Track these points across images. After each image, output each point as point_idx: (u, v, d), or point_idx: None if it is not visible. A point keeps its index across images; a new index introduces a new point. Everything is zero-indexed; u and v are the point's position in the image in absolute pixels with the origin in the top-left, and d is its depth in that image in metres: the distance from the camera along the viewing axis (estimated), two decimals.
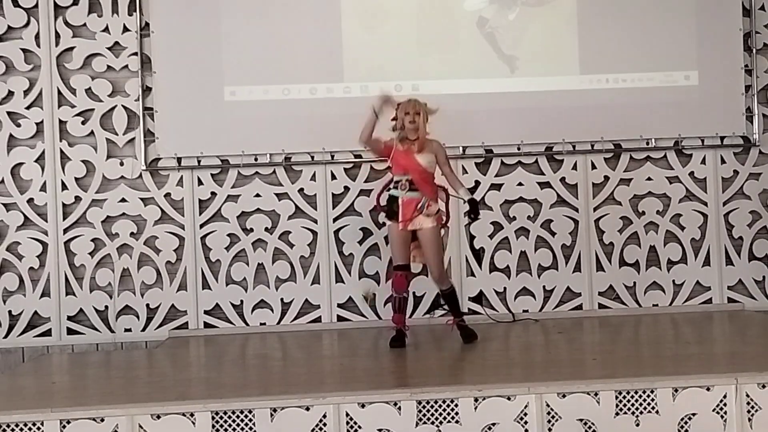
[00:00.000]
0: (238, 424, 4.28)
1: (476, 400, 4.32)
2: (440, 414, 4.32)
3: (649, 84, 6.82)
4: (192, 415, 4.27)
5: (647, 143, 6.90)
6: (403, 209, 5.72)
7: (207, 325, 6.74)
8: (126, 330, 6.70)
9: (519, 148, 6.86)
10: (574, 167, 6.89)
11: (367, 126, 5.71)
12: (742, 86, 6.87)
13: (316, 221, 6.82)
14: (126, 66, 6.77)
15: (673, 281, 6.91)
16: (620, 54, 6.84)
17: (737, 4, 6.87)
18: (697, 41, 6.85)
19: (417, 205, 5.70)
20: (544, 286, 6.86)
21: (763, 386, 4.36)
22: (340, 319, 6.79)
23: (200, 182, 6.80)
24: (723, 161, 6.96)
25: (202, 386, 4.88)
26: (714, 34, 6.84)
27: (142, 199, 6.78)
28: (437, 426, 4.32)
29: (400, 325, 5.84)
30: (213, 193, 6.81)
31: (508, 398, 4.33)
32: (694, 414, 4.35)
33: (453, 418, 4.32)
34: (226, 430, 4.28)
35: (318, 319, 6.79)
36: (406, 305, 5.88)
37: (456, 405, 4.32)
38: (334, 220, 6.83)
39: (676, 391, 4.36)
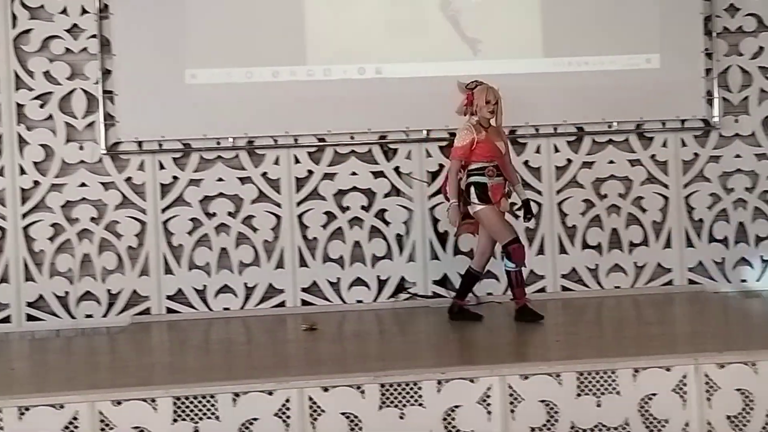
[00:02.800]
0: (200, 410, 4.26)
1: (439, 382, 4.33)
2: (403, 397, 4.33)
3: (611, 67, 6.85)
4: (153, 400, 4.23)
5: (609, 126, 6.93)
6: (493, 193, 5.72)
7: (170, 311, 6.69)
8: (87, 316, 6.64)
9: None
10: (538, 150, 6.91)
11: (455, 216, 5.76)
12: (702, 70, 6.93)
13: (279, 205, 6.79)
14: (85, 48, 6.68)
15: (635, 263, 6.96)
16: (583, 37, 6.85)
17: None
18: (658, 25, 6.88)
19: (503, 189, 5.74)
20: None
21: (722, 366, 4.41)
22: (304, 303, 6.77)
23: (162, 166, 6.74)
24: (684, 144, 7.02)
25: (164, 372, 4.85)
26: (675, 17, 6.87)
27: (102, 183, 6.71)
28: (401, 409, 4.32)
29: (523, 300, 5.77)
30: (175, 177, 6.75)
31: (471, 380, 4.34)
32: (654, 394, 4.39)
33: (416, 401, 4.33)
34: (188, 415, 4.25)
35: (282, 304, 6.76)
36: (523, 278, 5.82)
37: (419, 388, 4.33)
38: (298, 204, 6.80)
39: (637, 371, 4.39)
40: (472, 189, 5.72)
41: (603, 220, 6.94)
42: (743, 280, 7.02)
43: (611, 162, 6.96)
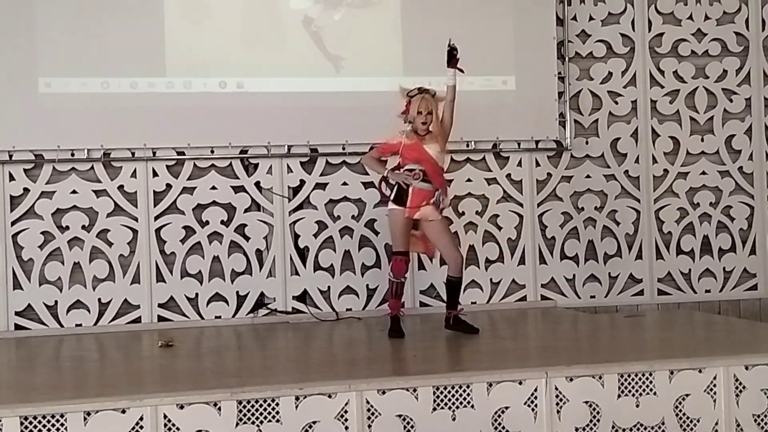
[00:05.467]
0: (49, 430, 4.10)
1: (297, 398, 4.32)
2: (261, 413, 4.29)
3: (469, 88, 6.94)
4: None
5: (467, 145, 7.10)
6: (412, 197, 5.71)
7: (18, 327, 6.44)
8: None
9: (344, 148, 6.91)
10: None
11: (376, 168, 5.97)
12: (555, 92, 7.19)
13: (136, 219, 6.64)
14: None
15: (491, 279, 7.14)
16: (442, 57, 6.94)
17: (551, 13, 7.17)
18: (514, 48, 7.11)
19: (426, 196, 5.71)
20: (367, 285, 6.94)
21: (571, 380, 4.57)
22: (161, 319, 6.64)
23: (12, 177, 6.49)
24: (537, 164, 7.25)
25: (10, 390, 4.65)
26: (530, 41, 7.11)
27: None
28: (258, 426, 4.28)
29: (396, 311, 5.80)
30: (26, 189, 6.51)
31: (329, 396, 4.35)
32: (507, 407, 4.50)
33: (274, 417, 4.30)
34: None
35: (138, 320, 6.61)
36: (402, 291, 5.85)
37: (277, 404, 4.31)
38: (156, 218, 6.67)
39: (491, 385, 4.50)
40: (396, 188, 5.79)
41: (460, 238, 7.08)
42: (592, 296, 7.29)
43: (469, 180, 7.12)
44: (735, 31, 7.50)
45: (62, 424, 4.11)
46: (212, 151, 6.73)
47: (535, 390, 4.52)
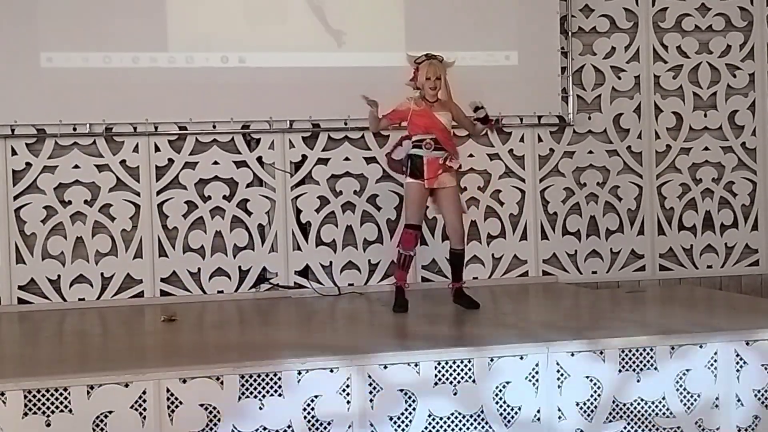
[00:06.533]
0: (52, 403, 4.13)
1: (299, 373, 4.35)
2: (263, 387, 4.32)
3: (472, 63, 6.97)
4: (3, 394, 4.09)
5: None
6: (428, 168, 5.72)
7: (21, 301, 6.46)
8: None
9: (346, 123, 6.90)
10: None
11: (372, 122, 5.86)
12: (558, 68, 7.16)
13: (138, 194, 6.65)
14: None
15: (492, 255, 7.14)
16: (445, 32, 6.97)
17: None
18: (517, 23, 7.08)
19: (440, 161, 5.73)
20: (369, 260, 6.95)
21: (572, 355, 4.59)
22: (163, 293, 6.66)
23: (14, 152, 6.49)
24: (540, 139, 7.24)
25: (14, 364, 4.68)
26: (533, 16, 7.07)
27: None
28: (260, 399, 4.32)
29: (402, 282, 5.81)
30: (28, 164, 6.51)
31: (331, 370, 4.38)
32: (508, 382, 4.51)
33: (276, 391, 4.33)
34: (39, 408, 4.12)
35: (140, 294, 6.63)
36: (410, 264, 5.87)
37: (279, 378, 4.33)
38: (158, 192, 6.68)
39: (492, 360, 4.50)
40: (410, 162, 5.79)
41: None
42: (594, 272, 7.30)
43: (471, 155, 7.11)
44: (739, 6, 7.46)
45: (65, 398, 4.14)
46: (214, 126, 6.72)
47: (537, 365, 4.55)
